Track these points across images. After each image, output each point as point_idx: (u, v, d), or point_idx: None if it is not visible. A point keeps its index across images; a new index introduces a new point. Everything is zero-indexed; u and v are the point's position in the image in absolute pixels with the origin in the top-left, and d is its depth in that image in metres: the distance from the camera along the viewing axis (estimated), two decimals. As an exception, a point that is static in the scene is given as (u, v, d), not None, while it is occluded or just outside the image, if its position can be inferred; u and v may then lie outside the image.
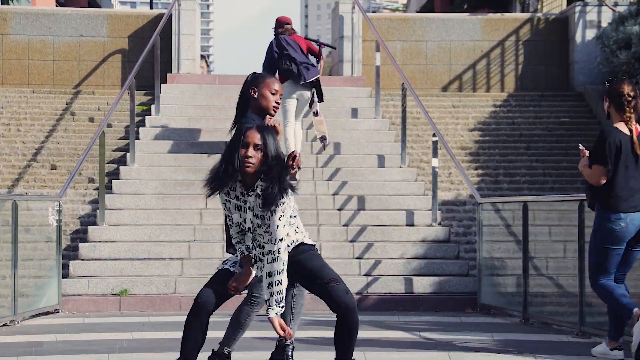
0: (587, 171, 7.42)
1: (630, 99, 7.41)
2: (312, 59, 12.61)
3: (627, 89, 7.44)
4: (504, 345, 8.11)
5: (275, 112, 6.51)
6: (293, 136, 12.41)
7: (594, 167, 7.34)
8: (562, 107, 15.66)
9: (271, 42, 12.41)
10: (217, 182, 5.57)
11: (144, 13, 16.31)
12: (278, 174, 5.49)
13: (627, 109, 7.40)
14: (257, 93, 6.48)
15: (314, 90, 12.42)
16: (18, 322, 9.56)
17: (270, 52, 12.33)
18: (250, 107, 6.51)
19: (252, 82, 6.53)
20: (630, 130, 7.36)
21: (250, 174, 5.53)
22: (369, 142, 13.66)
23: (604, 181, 7.31)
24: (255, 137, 5.51)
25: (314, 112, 12.75)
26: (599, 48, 15.49)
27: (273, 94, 6.48)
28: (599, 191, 7.37)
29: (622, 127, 7.38)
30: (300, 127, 12.65)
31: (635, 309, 7.17)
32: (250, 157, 5.48)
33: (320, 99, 12.48)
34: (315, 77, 12.23)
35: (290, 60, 12.15)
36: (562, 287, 9.73)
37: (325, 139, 12.89)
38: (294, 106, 12.31)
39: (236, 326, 6.34)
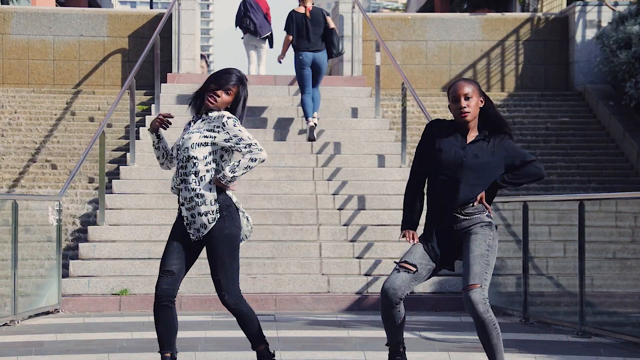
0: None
1: None
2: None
3: None
4: (504, 345, 8.09)
5: None
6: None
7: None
8: (562, 106, 15.66)
9: (240, 2, 16.51)
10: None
11: (144, 13, 16.31)
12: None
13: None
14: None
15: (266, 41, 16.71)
16: (18, 322, 9.55)
17: (239, 11, 16.52)
18: None
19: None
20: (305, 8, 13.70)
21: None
22: (369, 142, 13.66)
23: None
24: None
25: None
26: (599, 48, 15.49)
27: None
28: None
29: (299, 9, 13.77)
30: (263, 69, 16.68)
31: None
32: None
33: (271, 46, 16.85)
34: (267, 34, 16.47)
35: (250, 21, 16.39)
36: (562, 287, 9.73)
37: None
38: (253, 53, 16.63)
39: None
